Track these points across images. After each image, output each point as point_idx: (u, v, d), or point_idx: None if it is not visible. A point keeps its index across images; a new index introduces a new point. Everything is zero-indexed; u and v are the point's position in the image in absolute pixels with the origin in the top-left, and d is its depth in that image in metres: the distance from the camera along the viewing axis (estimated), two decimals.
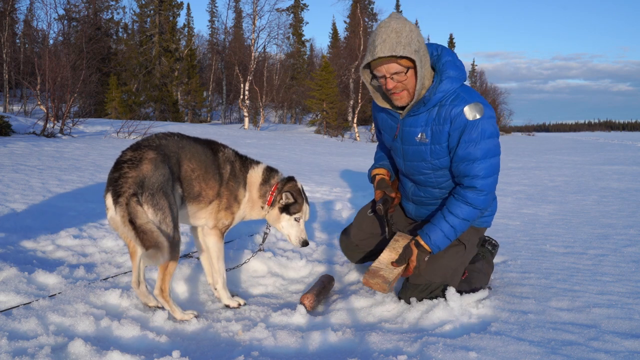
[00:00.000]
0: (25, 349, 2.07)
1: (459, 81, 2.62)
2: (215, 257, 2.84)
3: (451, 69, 2.62)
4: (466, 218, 2.67)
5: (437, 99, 2.61)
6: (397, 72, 2.53)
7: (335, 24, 59.35)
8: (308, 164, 11.49)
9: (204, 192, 2.71)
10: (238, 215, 2.91)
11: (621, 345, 2.17)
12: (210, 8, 48.06)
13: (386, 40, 2.45)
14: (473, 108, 2.57)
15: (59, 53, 20.84)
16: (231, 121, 38.73)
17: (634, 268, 3.44)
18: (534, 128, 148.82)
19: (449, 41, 64.63)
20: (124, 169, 2.40)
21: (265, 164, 3.02)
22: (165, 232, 2.36)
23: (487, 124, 2.58)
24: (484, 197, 2.64)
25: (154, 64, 32.19)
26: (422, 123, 2.69)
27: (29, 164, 7.37)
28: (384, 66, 2.52)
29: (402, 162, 2.91)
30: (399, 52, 2.44)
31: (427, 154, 2.73)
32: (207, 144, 2.83)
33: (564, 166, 13.48)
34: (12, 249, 3.54)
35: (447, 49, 2.71)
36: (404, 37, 2.45)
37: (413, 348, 2.22)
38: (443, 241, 2.69)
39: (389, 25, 2.49)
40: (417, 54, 2.48)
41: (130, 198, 2.32)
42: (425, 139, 2.69)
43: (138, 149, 2.49)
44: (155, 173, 2.40)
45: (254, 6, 30.16)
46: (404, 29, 2.47)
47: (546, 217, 5.74)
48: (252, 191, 2.93)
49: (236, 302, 2.85)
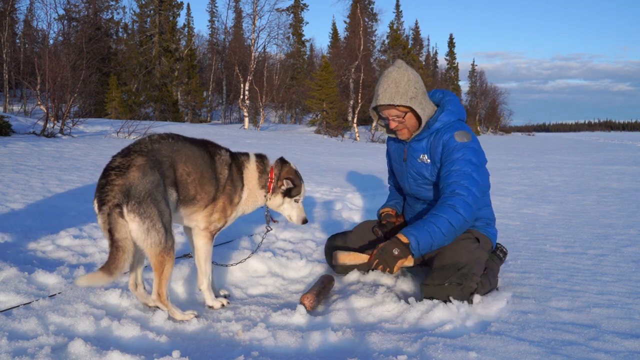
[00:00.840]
0: (25, 349, 2.07)
1: (456, 115, 3.05)
2: (203, 259, 2.84)
3: (452, 105, 3.07)
4: (450, 220, 2.74)
5: (436, 127, 3.02)
6: (397, 116, 3.01)
7: (335, 24, 59.39)
8: (308, 164, 11.49)
9: (199, 195, 2.70)
10: (231, 217, 2.92)
11: (621, 345, 2.17)
12: (210, 8, 48.13)
13: (387, 90, 2.95)
14: (462, 134, 2.96)
15: (59, 53, 20.83)
16: (231, 121, 38.73)
17: (634, 268, 3.44)
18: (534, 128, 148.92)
19: (449, 41, 64.64)
20: (111, 176, 2.37)
21: (253, 154, 3.04)
22: (154, 238, 2.37)
23: (469, 151, 2.92)
24: (466, 204, 2.79)
25: (154, 64, 32.19)
26: (424, 146, 3.09)
27: (29, 164, 7.37)
28: (386, 111, 3.03)
29: (407, 183, 3.26)
30: (396, 101, 2.93)
31: (428, 173, 3.10)
32: (203, 147, 2.80)
33: (564, 166, 13.49)
34: (12, 249, 3.54)
35: (451, 93, 3.19)
36: (402, 87, 2.94)
37: (413, 348, 2.22)
38: (420, 232, 2.72)
39: (390, 76, 2.97)
40: (413, 100, 2.95)
41: (113, 209, 2.30)
42: (427, 160, 3.08)
43: (127, 155, 2.46)
44: (142, 181, 2.37)
45: (254, 6, 30.18)
46: (402, 79, 2.94)
47: (546, 217, 5.74)
48: (252, 186, 2.96)
49: (219, 303, 2.86)
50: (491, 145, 30.24)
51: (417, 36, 58.50)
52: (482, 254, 2.96)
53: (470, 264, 2.78)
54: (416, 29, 59.00)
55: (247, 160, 2.99)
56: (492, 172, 3.71)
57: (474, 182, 2.85)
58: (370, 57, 39.78)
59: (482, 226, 3.12)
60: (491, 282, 2.93)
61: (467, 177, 2.85)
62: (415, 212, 3.32)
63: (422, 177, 3.12)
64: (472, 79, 67.23)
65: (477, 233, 3.07)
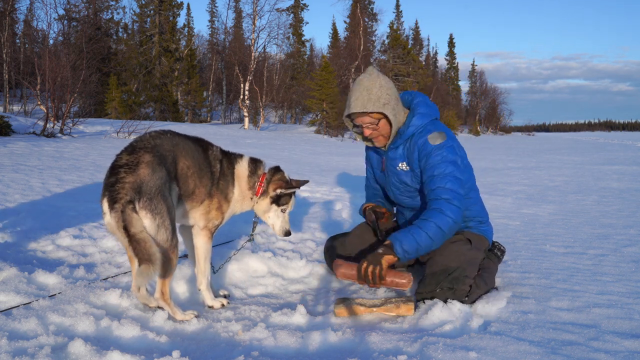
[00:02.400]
0: (25, 349, 2.07)
1: (428, 117, 3.01)
2: (203, 258, 2.84)
3: (422, 107, 3.04)
4: (437, 224, 2.74)
5: (410, 132, 3.00)
6: (371, 123, 2.97)
7: (335, 24, 59.40)
8: (308, 164, 11.49)
9: (197, 190, 2.72)
10: (227, 214, 2.93)
11: (621, 345, 2.17)
12: (210, 8, 48.14)
13: (359, 98, 2.91)
14: (436, 136, 2.94)
15: (59, 53, 20.82)
16: (231, 121, 38.73)
17: (634, 268, 3.44)
18: (534, 128, 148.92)
19: (449, 41, 64.69)
20: (120, 173, 2.37)
21: (248, 156, 3.04)
22: (162, 235, 2.37)
23: (447, 151, 2.90)
24: (452, 205, 2.79)
25: (154, 64, 32.19)
26: (400, 154, 3.07)
27: (29, 164, 7.37)
28: (359, 118, 2.99)
29: (391, 192, 3.24)
30: (369, 108, 2.89)
31: (409, 180, 3.07)
32: (197, 142, 2.83)
33: (564, 166, 13.48)
34: (12, 249, 3.54)
35: (420, 93, 3.16)
36: (374, 94, 2.90)
37: (413, 348, 2.22)
38: (405, 235, 2.72)
39: (361, 83, 2.94)
40: (386, 106, 2.90)
41: (126, 205, 2.30)
42: (406, 167, 3.06)
43: (134, 152, 2.46)
44: (153, 177, 2.39)
45: (254, 6, 30.22)
46: (374, 85, 2.91)
47: (546, 217, 5.74)
48: (241, 184, 2.96)
49: (219, 303, 2.85)
50: (491, 145, 30.25)
51: (417, 36, 58.55)
52: (476, 255, 2.95)
53: (462, 267, 2.79)
54: (416, 29, 59.05)
55: (239, 158, 3.00)
56: (492, 172, 3.71)
57: (457, 182, 2.84)
58: (370, 57, 39.82)
59: (475, 226, 3.12)
60: (487, 282, 2.91)
61: (449, 179, 2.83)
62: (407, 218, 3.31)
63: (404, 184, 3.10)
64: (472, 79, 67.27)
65: (469, 234, 3.06)
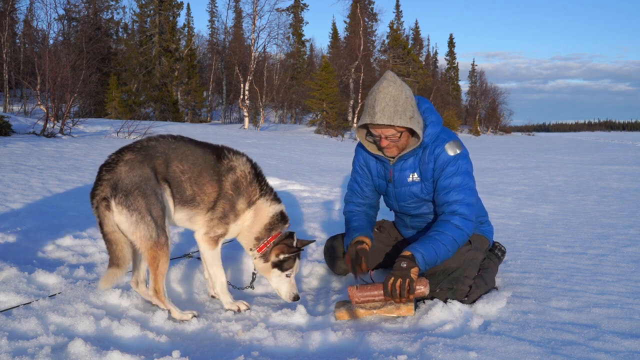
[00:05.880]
0: (25, 349, 2.07)
1: (439, 124, 2.90)
2: (209, 264, 2.81)
3: (431, 115, 2.91)
4: (455, 237, 2.73)
5: (424, 143, 2.88)
6: (393, 135, 2.79)
7: (335, 24, 59.36)
8: (308, 164, 11.49)
9: (198, 197, 2.65)
10: (233, 227, 2.78)
11: (621, 345, 2.17)
12: (210, 8, 48.04)
13: (385, 109, 2.69)
14: (453, 145, 2.87)
15: (59, 53, 20.84)
16: (231, 121, 38.71)
17: (634, 268, 3.44)
18: (533, 128, 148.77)
19: (449, 41, 64.65)
20: (102, 172, 2.47)
21: (283, 206, 2.88)
22: (143, 232, 2.41)
23: (463, 161, 2.88)
24: (469, 221, 2.80)
25: (154, 64, 32.17)
26: (411, 165, 2.96)
27: (29, 164, 7.37)
28: (381, 130, 2.77)
29: (395, 203, 3.14)
30: (397, 122, 2.70)
31: (419, 191, 2.98)
32: (212, 150, 2.74)
33: (564, 166, 13.48)
34: (12, 249, 3.54)
35: (425, 99, 3.00)
36: (401, 105, 2.71)
37: (413, 348, 2.22)
38: (426, 249, 2.66)
39: (386, 92, 2.71)
40: (412, 120, 2.75)
41: (100, 202, 2.40)
42: (417, 178, 2.96)
43: (119, 152, 2.54)
44: (129, 174, 2.43)
45: (254, 6, 30.16)
46: (401, 96, 2.72)
47: (546, 217, 5.74)
48: (254, 222, 2.81)
49: (236, 306, 2.78)
50: (491, 145, 30.25)
51: (417, 36, 58.46)
52: (476, 255, 2.95)
53: (461, 267, 2.80)
54: (416, 29, 58.99)
55: (272, 200, 2.84)
56: (492, 172, 3.71)
57: (472, 193, 2.86)
58: (370, 57, 39.78)
59: (475, 226, 3.09)
60: (487, 282, 2.92)
61: (466, 192, 2.82)
62: (407, 224, 3.25)
63: (413, 196, 3.00)
64: (472, 79, 67.21)
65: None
